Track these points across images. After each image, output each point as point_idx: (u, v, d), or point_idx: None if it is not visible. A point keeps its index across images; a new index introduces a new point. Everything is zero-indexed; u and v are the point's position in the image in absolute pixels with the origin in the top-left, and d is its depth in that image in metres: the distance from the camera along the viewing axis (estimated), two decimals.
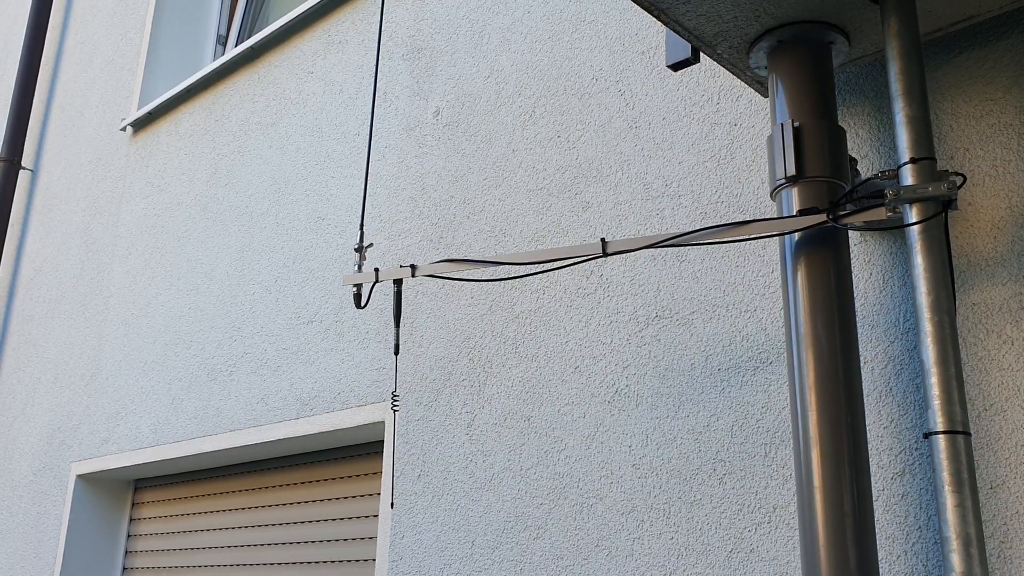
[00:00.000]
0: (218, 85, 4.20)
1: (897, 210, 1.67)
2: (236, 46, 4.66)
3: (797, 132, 1.78)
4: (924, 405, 1.83)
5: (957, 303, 1.82)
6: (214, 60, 4.84)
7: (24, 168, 5.48)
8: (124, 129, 4.73)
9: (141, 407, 3.94)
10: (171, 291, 4.02)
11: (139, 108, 4.65)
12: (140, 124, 4.63)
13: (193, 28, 4.94)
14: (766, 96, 2.15)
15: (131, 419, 3.98)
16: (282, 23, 3.82)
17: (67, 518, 4.18)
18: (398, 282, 2.27)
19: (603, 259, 2.46)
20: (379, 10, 3.47)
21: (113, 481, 4.32)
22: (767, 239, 2.14)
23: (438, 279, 2.86)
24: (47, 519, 4.32)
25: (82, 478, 4.23)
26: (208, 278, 3.83)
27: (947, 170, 1.65)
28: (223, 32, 5.00)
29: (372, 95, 3.11)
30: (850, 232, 2.00)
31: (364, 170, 3.28)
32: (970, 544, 1.49)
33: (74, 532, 4.18)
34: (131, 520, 4.34)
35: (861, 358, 1.94)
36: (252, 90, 3.98)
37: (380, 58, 3.33)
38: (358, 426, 3.00)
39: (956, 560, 1.49)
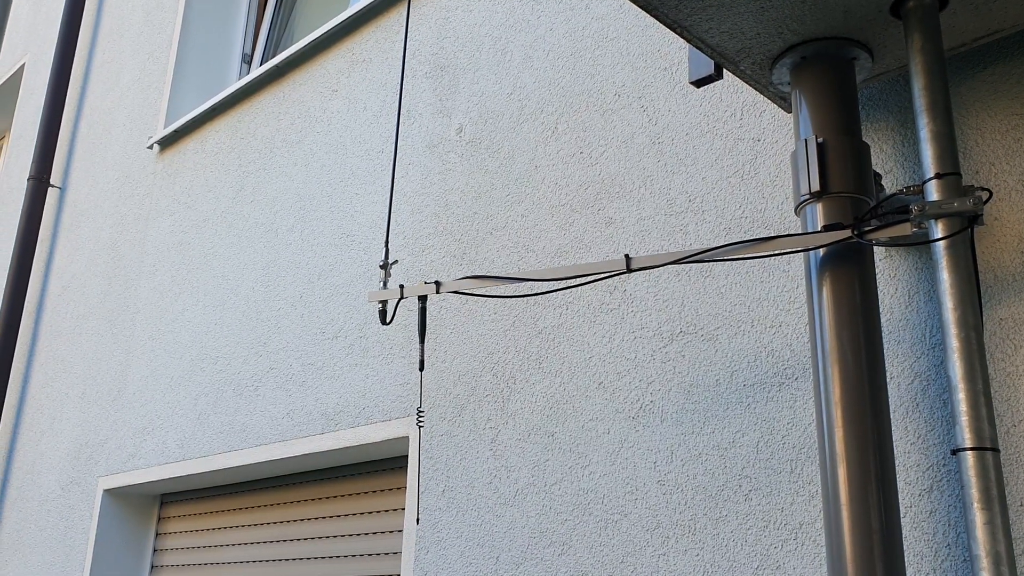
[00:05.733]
0: (244, 103, 4.25)
1: (922, 226, 1.66)
2: (261, 65, 4.71)
3: (821, 148, 1.79)
4: (951, 421, 1.82)
5: (984, 318, 1.81)
6: (239, 79, 4.89)
7: (52, 186, 5.56)
8: (151, 147, 4.79)
9: (168, 422, 3.98)
10: (197, 307, 4.05)
11: (166, 126, 4.71)
12: (167, 142, 4.69)
13: (219, 47, 5.00)
14: (789, 111, 2.15)
15: (158, 434, 4.01)
16: (307, 42, 3.86)
17: (94, 532, 4.22)
18: (423, 298, 2.29)
19: (627, 274, 2.47)
20: (403, 29, 3.50)
21: (140, 496, 4.36)
22: (792, 255, 2.13)
23: (462, 295, 2.87)
24: (74, 533, 4.36)
25: (109, 493, 4.26)
26: (234, 294, 3.87)
27: (972, 185, 1.65)
28: (248, 51, 5.06)
29: (397, 113, 3.14)
30: (875, 247, 1.99)
31: (388, 187, 3.31)
32: (1000, 562, 1.48)
33: (101, 546, 4.21)
34: (157, 535, 4.37)
35: (887, 374, 1.93)
36: (277, 108, 4.02)
37: (404, 76, 3.36)
38: (382, 441, 3.01)
39: None
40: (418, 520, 2.50)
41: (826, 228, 1.74)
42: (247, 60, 5.04)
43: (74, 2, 5.64)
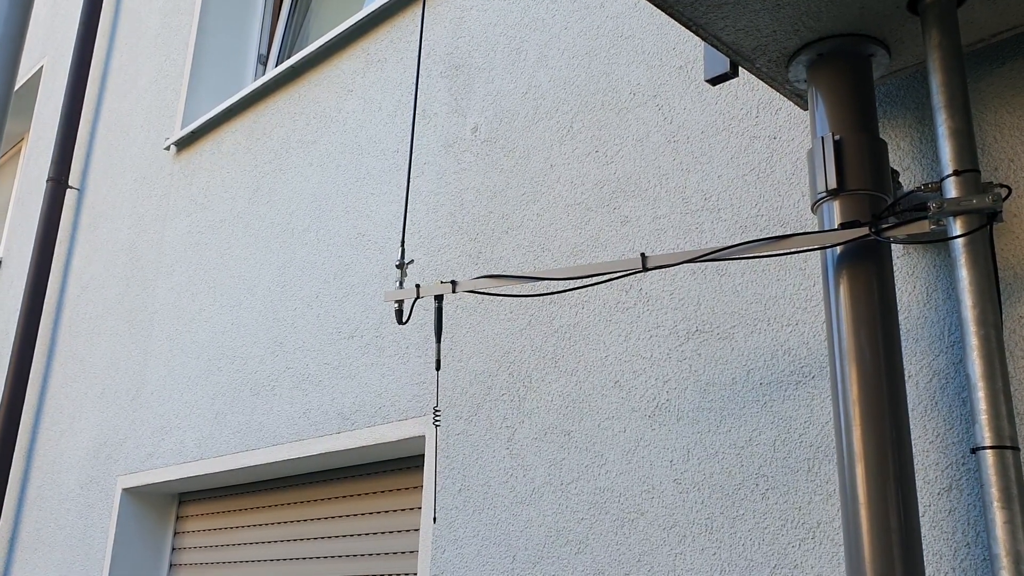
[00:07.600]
0: (259, 104, 4.27)
1: (941, 223, 1.65)
2: (277, 66, 4.73)
3: (838, 145, 1.78)
4: (970, 419, 1.81)
5: (1003, 316, 1.80)
6: (255, 80, 4.91)
7: (71, 187, 5.60)
8: (168, 148, 4.81)
9: (185, 421, 4.00)
10: (214, 307, 4.07)
11: (182, 127, 4.73)
12: (183, 143, 4.71)
13: (234, 49, 5.02)
14: (806, 109, 2.14)
15: (176, 433, 4.04)
16: (322, 42, 3.87)
17: (113, 531, 4.25)
18: (439, 298, 2.29)
19: (642, 273, 2.46)
20: (418, 28, 3.50)
21: (158, 495, 4.38)
22: (809, 253, 2.13)
23: (477, 294, 2.88)
24: (94, 532, 4.39)
25: (128, 491, 4.29)
26: (251, 294, 3.89)
27: (991, 182, 1.64)
28: (264, 52, 5.08)
29: (412, 112, 3.15)
30: (893, 245, 1.98)
31: (403, 186, 3.32)
32: (1020, 561, 1.47)
33: (120, 545, 4.24)
34: (175, 533, 4.39)
35: (905, 372, 1.92)
36: (293, 109, 4.03)
37: (419, 75, 3.36)
38: (399, 440, 3.02)
39: None
40: (435, 519, 2.50)
41: (843, 226, 1.73)
42: (263, 61, 5.06)
43: (91, 5, 5.67)
